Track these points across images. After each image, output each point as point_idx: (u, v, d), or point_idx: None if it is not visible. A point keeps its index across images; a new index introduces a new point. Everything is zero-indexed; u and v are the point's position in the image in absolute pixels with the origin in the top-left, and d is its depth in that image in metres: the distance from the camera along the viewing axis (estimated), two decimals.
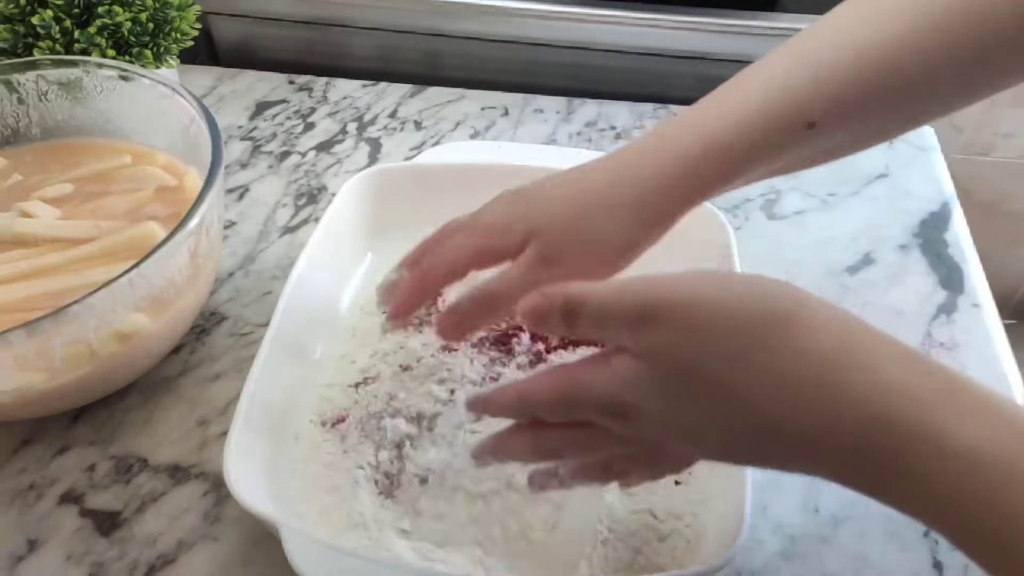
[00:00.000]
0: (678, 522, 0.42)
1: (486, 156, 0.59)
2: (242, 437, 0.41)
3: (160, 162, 0.55)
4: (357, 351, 0.50)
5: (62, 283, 0.47)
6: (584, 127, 0.71)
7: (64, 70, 0.55)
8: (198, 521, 0.44)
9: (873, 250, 0.60)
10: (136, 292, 0.42)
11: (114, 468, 0.46)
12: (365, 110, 0.72)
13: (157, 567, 0.42)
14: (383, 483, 0.43)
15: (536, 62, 0.76)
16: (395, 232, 0.56)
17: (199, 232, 0.45)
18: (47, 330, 0.39)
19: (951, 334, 0.54)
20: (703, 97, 0.39)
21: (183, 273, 0.45)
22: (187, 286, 0.46)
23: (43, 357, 0.41)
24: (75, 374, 0.43)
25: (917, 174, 0.67)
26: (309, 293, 0.50)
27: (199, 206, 0.44)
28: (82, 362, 0.43)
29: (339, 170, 0.66)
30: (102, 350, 0.43)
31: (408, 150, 0.68)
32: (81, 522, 0.44)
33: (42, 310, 0.39)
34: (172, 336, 0.49)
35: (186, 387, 0.50)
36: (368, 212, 0.56)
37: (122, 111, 0.55)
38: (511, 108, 0.73)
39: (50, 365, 0.42)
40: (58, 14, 0.58)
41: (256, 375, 0.44)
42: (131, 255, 0.45)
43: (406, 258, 0.42)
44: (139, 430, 0.48)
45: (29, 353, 0.40)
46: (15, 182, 0.54)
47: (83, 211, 0.52)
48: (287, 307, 0.48)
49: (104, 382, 0.47)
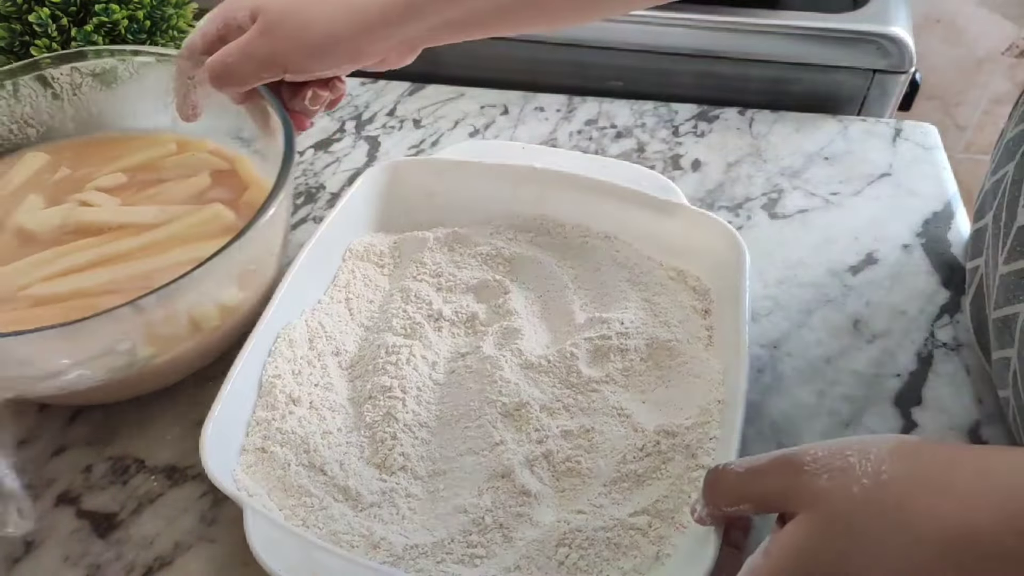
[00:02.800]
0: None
1: (507, 156, 0.58)
2: (223, 412, 0.42)
3: (208, 147, 0.56)
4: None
5: (146, 265, 0.48)
6: (584, 125, 0.71)
7: (99, 61, 0.55)
8: (195, 523, 0.44)
9: (876, 250, 0.60)
10: (244, 256, 0.44)
11: (111, 469, 0.46)
12: (364, 108, 0.72)
13: (154, 569, 0.42)
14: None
15: (536, 60, 0.75)
16: (407, 226, 0.56)
17: (287, 198, 0.47)
18: (173, 296, 0.41)
19: (954, 334, 0.54)
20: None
21: (277, 243, 0.48)
22: (274, 259, 0.49)
23: (170, 324, 0.43)
24: (182, 347, 0.45)
25: (920, 173, 0.66)
26: (309, 283, 0.50)
27: (287, 170, 0.46)
28: (190, 335, 0.44)
29: (337, 169, 0.66)
30: (206, 324, 0.44)
31: (407, 148, 0.68)
32: (78, 523, 0.44)
33: (129, 292, 0.40)
34: (257, 310, 0.50)
35: (183, 388, 0.50)
36: (381, 205, 0.56)
37: (159, 99, 0.56)
38: (511, 106, 0.72)
39: (175, 332, 0.43)
40: (55, 12, 0.58)
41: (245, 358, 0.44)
42: (204, 236, 0.49)
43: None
44: (136, 431, 0.48)
45: (158, 319, 0.41)
46: (64, 175, 0.54)
47: (141, 199, 0.53)
48: (283, 296, 0.47)
49: (201, 357, 0.48)
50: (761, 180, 0.65)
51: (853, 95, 0.73)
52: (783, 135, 0.70)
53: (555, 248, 0.56)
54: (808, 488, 0.31)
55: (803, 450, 0.32)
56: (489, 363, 0.47)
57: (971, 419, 0.49)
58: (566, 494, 0.43)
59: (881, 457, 0.30)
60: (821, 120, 0.72)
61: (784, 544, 0.31)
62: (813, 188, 0.65)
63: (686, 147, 0.69)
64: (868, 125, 0.71)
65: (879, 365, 0.52)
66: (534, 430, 0.45)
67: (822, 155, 0.68)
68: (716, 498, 0.35)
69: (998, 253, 0.46)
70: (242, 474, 0.42)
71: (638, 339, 0.49)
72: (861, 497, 0.30)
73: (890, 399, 0.50)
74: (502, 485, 0.42)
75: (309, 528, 0.41)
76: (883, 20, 0.70)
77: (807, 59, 0.71)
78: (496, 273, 0.54)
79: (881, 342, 0.53)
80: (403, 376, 0.47)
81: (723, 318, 0.50)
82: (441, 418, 0.46)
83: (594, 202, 0.55)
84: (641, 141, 0.69)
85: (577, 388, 0.47)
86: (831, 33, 0.70)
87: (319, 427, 0.45)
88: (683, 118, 0.72)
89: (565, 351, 0.48)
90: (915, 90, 0.74)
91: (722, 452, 0.42)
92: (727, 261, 0.51)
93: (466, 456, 0.44)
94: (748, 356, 0.45)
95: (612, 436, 0.44)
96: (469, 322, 0.51)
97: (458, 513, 0.41)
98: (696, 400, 0.45)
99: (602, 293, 0.53)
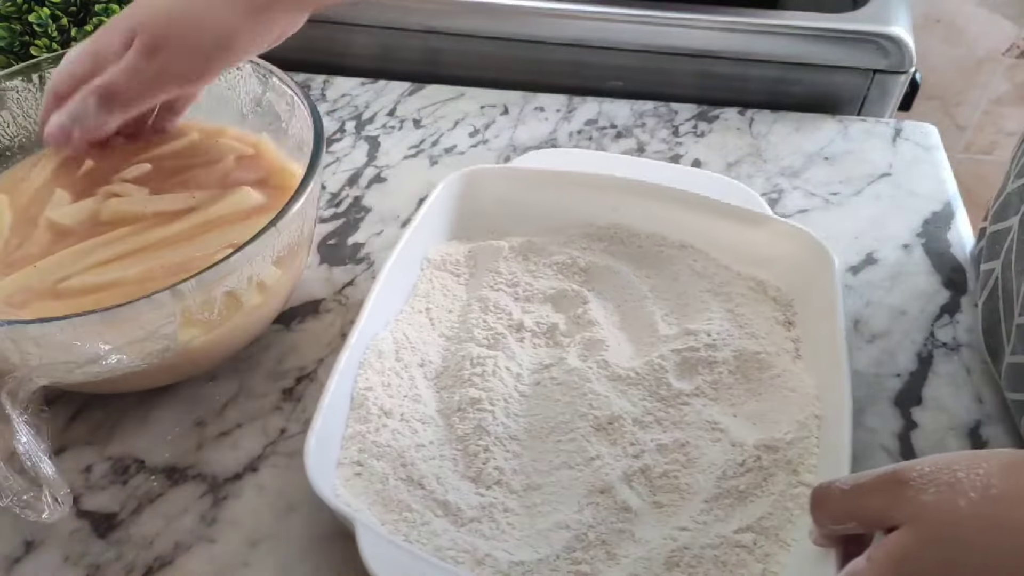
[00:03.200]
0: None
1: (583, 164, 0.58)
2: (324, 428, 0.42)
3: (230, 134, 0.57)
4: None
5: (183, 251, 0.48)
6: (584, 125, 0.71)
7: None
8: (195, 523, 0.44)
9: (876, 250, 0.60)
10: (281, 239, 0.45)
11: (111, 469, 0.46)
12: (364, 108, 0.72)
13: (154, 569, 0.42)
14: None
15: (536, 60, 0.75)
16: (480, 234, 0.56)
17: (320, 177, 0.48)
18: (212, 281, 0.41)
19: (954, 334, 0.54)
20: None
21: (309, 223, 0.48)
22: (306, 240, 0.49)
23: (206, 308, 0.43)
24: (226, 326, 0.45)
25: (920, 173, 0.66)
26: (393, 293, 0.51)
27: (320, 150, 0.46)
28: (233, 313, 0.45)
29: (337, 168, 0.66)
30: (248, 301, 0.45)
31: (407, 148, 0.68)
32: (78, 523, 0.44)
33: (168, 280, 0.41)
34: (291, 290, 0.51)
35: (183, 387, 0.50)
36: (456, 213, 0.56)
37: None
38: (511, 106, 0.72)
39: (209, 317, 0.43)
40: (55, 12, 0.58)
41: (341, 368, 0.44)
42: (234, 219, 0.50)
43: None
44: (136, 431, 0.48)
45: (195, 305, 0.42)
46: (89, 167, 0.54)
47: (170, 186, 0.53)
48: (371, 307, 0.47)
49: (237, 341, 0.49)
50: (761, 180, 0.65)
51: (853, 95, 0.73)
52: (783, 135, 0.70)
53: (630, 257, 0.55)
54: (913, 502, 0.31)
55: (910, 465, 0.32)
56: (576, 375, 0.47)
57: (971, 419, 0.49)
58: (665, 510, 0.42)
59: (991, 472, 0.30)
60: (821, 120, 0.72)
61: (888, 550, 0.31)
62: (813, 188, 0.65)
63: (686, 147, 0.69)
64: (868, 125, 0.71)
65: (879, 365, 0.52)
66: (629, 444, 0.44)
67: (822, 155, 0.68)
68: (823, 517, 0.35)
69: (1023, 261, 0.45)
70: (342, 489, 0.42)
71: (726, 351, 0.48)
72: (968, 510, 0.29)
73: (890, 399, 0.50)
74: (602, 501, 0.42)
75: (413, 543, 0.40)
76: (883, 20, 0.70)
77: (807, 59, 0.71)
78: (572, 283, 0.53)
79: (881, 342, 0.53)
80: (490, 388, 0.46)
81: (810, 330, 0.49)
82: (530, 431, 0.45)
83: (672, 211, 0.55)
84: (641, 141, 0.69)
85: (667, 401, 0.46)
86: (831, 33, 0.70)
87: (412, 440, 0.44)
88: (683, 118, 0.72)
89: (653, 363, 0.48)
90: (915, 90, 0.74)
91: (830, 469, 0.41)
92: (812, 272, 0.50)
93: (561, 470, 0.44)
94: (849, 372, 0.44)
95: (708, 451, 0.44)
96: (550, 332, 0.50)
97: (560, 529, 0.41)
98: (792, 414, 0.45)
99: (683, 303, 0.52)
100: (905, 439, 0.48)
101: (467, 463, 0.44)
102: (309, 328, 0.54)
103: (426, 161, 0.67)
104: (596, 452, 0.44)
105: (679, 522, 0.41)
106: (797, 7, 0.74)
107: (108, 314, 0.39)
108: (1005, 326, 0.47)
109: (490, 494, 0.43)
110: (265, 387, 0.50)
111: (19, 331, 0.39)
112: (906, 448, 0.47)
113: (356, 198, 0.64)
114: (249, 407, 0.49)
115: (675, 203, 0.55)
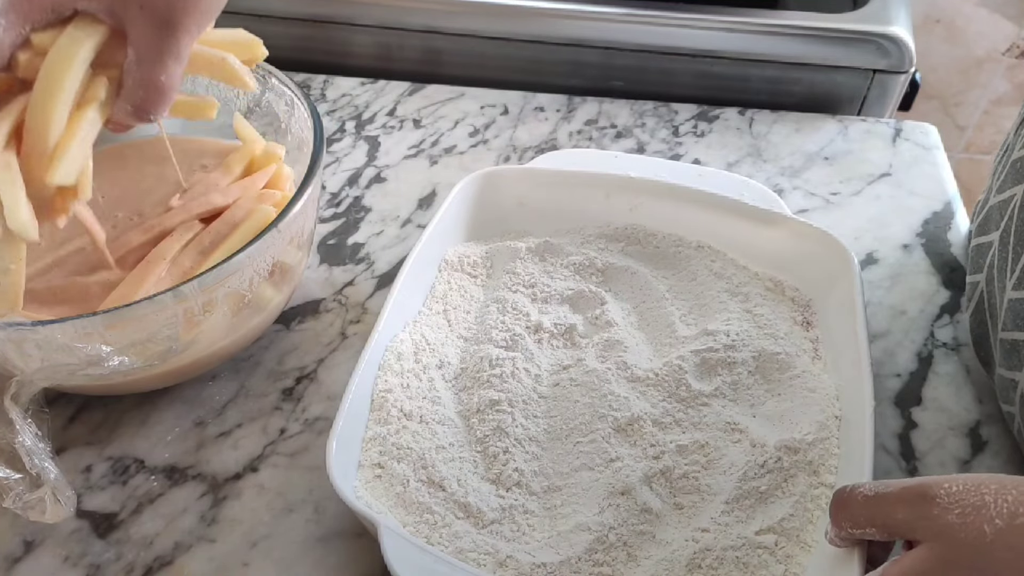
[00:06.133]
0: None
1: (599, 164, 0.58)
2: (345, 430, 0.42)
3: (259, 149, 0.55)
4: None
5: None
6: (584, 125, 0.71)
7: None
8: (195, 523, 0.44)
9: (876, 250, 0.60)
10: (282, 240, 0.45)
11: (111, 469, 0.46)
12: (364, 108, 0.72)
13: (154, 569, 0.42)
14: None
15: (536, 60, 0.75)
16: (496, 235, 0.56)
17: (320, 178, 0.48)
18: (213, 282, 0.41)
19: (954, 334, 0.54)
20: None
21: (310, 223, 0.49)
22: (307, 240, 0.50)
23: (207, 310, 0.43)
24: (227, 328, 0.45)
25: (920, 173, 0.66)
26: (411, 294, 0.51)
27: (320, 150, 0.47)
28: (235, 314, 0.45)
29: (337, 168, 0.66)
30: (249, 302, 0.45)
31: (407, 148, 0.68)
32: (78, 523, 0.44)
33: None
34: (292, 291, 0.52)
35: (183, 388, 0.50)
36: (473, 214, 0.56)
37: None
38: (511, 106, 0.72)
39: (210, 318, 0.43)
40: None
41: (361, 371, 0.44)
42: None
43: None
44: (136, 431, 0.48)
45: (197, 306, 0.42)
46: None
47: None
48: (391, 309, 0.47)
49: (248, 335, 0.49)
50: (761, 180, 0.65)
51: (853, 95, 0.73)
52: (783, 135, 0.70)
53: (647, 258, 0.55)
54: (938, 521, 0.31)
55: (937, 482, 0.32)
56: (595, 376, 0.47)
57: (971, 419, 0.49)
58: (685, 511, 0.42)
59: (1020, 500, 0.30)
60: (821, 120, 0.72)
61: (905, 568, 0.31)
62: (813, 188, 0.65)
63: (686, 147, 0.69)
64: (868, 125, 0.71)
65: (879, 365, 0.52)
66: (649, 445, 0.44)
67: (822, 155, 0.68)
68: (842, 520, 0.35)
69: (1005, 276, 0.45)
70: (363, 491, 0.42)
71: (745, 352, 0.48)
72: (992, 536, 0.29)
73: (890, 399, 0.50)
74: (623, 502, 0.42)
75: (434, 545, 0.40)
76: (883, 20, 0.70)
77: (807, 59, 0.71)
78: (590, 283, 0.53)
79: (881, 342, 0.53)
80: (509, 389, 0.46)
81: (829, 330, 0.49)
82: (550, 432, 0.45)
83: (690, 212, 0.54)
84: (641, 141, 0.69)
85: (687, 402, 0.46)
86: (831, 33, 0.70)
87: (432, 442, 0.44)
88: (683, 118, 0.72)
89: (672, 364, 0.48)
90: (915, 90, 0.74)
91: (851, 470, 0.41)
92: (832, 272, 0.50)
93: (581, 472, 0.44)
94: (871, 373, 0.44)
95: (729, 452, 0.44)
96: (568, 334, 0.50)
97: (580, 531, 0.41)
98: (812, 415, 0.44)
99: (700, 304, 0.52)
100: (905, 439, 0.48)
101: (487, 465, 0.44)
102: (309, 328, 0.54)
103: (426, 161, 0.67)
104: (616, 454, 0.44)
105: (700, 523, 0.41)
106: (797, 7, 0.74)
107: (110, 316, 0.39)
108: (992, 339, 0.47)
109: (511, 496, 0.43)
110: (265, 387, 0.50)
111: (21, 333, 0.39)
112: (906, 448, 0.48)
113: (356, 198, 0.64)
114: (249, 407, 0.49)
115: (692, 203, 0.55)
